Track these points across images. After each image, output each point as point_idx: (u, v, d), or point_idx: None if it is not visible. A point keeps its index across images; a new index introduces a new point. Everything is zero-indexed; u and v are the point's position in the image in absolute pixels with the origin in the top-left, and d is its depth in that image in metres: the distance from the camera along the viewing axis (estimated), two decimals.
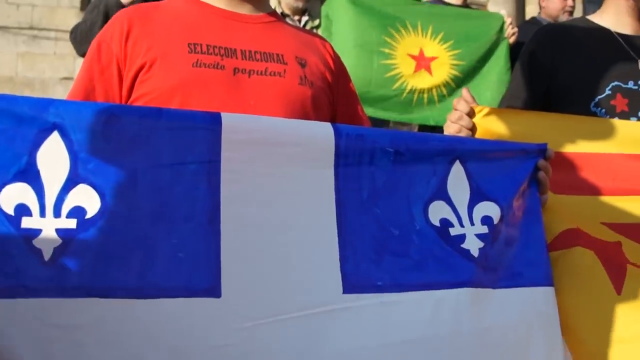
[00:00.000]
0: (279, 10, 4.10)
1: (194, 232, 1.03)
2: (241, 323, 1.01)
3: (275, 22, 1.53)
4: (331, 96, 1.55)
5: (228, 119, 1.07)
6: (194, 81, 1.33)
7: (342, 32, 3.65)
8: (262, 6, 1.52)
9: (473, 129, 1.50)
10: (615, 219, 1.60)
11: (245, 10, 1.48)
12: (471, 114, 1.51)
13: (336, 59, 1.63)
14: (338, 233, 1.11)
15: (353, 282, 1.10)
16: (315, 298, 1.07)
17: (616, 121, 1.72)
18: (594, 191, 1.61)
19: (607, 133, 1.66)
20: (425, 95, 3.66)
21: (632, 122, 1.75)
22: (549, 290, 1.26)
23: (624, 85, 1.80)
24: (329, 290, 1.08)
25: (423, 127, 3.83)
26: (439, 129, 3.09)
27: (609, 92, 1.79)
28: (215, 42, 1.38)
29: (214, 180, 1.05)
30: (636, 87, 1.81)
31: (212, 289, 1.01)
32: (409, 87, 3.62)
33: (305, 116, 1.40)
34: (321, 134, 1.13)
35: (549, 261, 1.29)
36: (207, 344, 0.98)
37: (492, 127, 1.53)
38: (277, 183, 1.09)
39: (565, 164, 1.59)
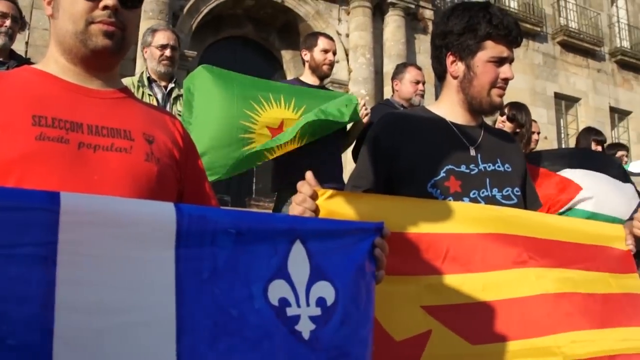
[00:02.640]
0: (146, 76, 4.10)
1: (26, 318, 0.97)
2: None
3: (125, 98, 1.53)
4: (178, 173, 1.56)
5: (67, 199, 1.03)
6: (36, 154, 1.29)
7: (205, 105, 3.66)
8: (112, 82, 1.52)
9: (316, 210, 1.56)
10: (437, 301, 1.70)
11: (95, 85, 1.47)
12: (315, 196, 1.57)
13: (185, 136, 1.64)
14: (176, 315, 1.09)
15: None
16: None
17: (450, 202, 1.85)
18: (422, 271, 1.71)
19: (441, 214, 1.78)
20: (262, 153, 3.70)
21: (464, 204, 1.88)
22: None
23: (457, 169, 1.95)
24: None
25: None
26: None
27: (444, 174, 1.93)
28: (61, 115, 1.36)
29: (50, 264, 1.00)
30: (468, 171, 1.96)
31: None
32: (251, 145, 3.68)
33: (150, 192, 1.40)
34: (163, 215, 1.12)
35: (372, 340, 1.33)
36: None
37: (335, 208, 1.59)
38: (117, 265, 1.06)
39: (402, 244, 1.69)
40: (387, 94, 11.17)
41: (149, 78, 4.12)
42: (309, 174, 1.59)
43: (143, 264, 1.09)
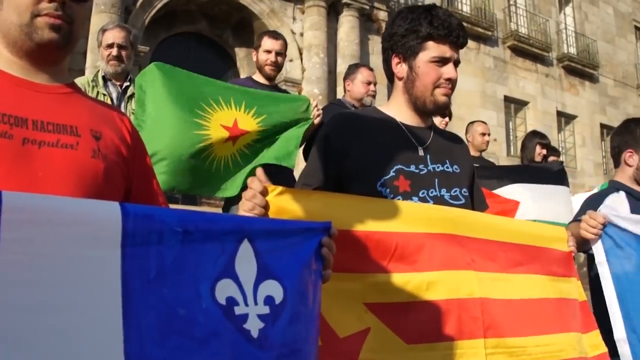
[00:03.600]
0: (101, 75, 4.04)
1: None
2: None
3: (72, 94, 1.50)
4: (126, 170, 1.54)
5: (9, 198, 1.00)
6: None
7: (157, 103, 3.61)
8: (59, 76, 1.49)
9: (266, 207, 1.56)
10: (379, 299, 1.72)
11: (41, 79, 1.44)
12: (265, 192, 1.57)
13: (133, 133, 1.62)
14: (123, 314, 1.08)
15: None
16: None
17: (398, 202, 1.87)
18: (369, 269, 1.73)
19: (390, 213, 1.80)
20: (222, 164, 3.72)
21: (413, 203, 1.90)
22: None
23: (406, 169, 1.97)
24: None
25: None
26: None
27: (393, 174, 1.94)
28: (5, 110, 1.32)
29: None
30: (417, 171, 1.98)
31: None
32: (211, 155, 3.67)
33: (97, 190, 1.37)
34: (108, 214, 1.10)
35: (318, 336, 1.36)
36: None
37: (284, 205, 1.60)
38: (61, 264, 1.04)
39: (351, 242, 1.70)
40: (340, 93, 11.21)
41: (104, 77, 4.10)
42: (259, 171, 1.59)
43: (88, 263, 1.07)
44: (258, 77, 4.30)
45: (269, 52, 4.24)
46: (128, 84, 4.11)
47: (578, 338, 2.08)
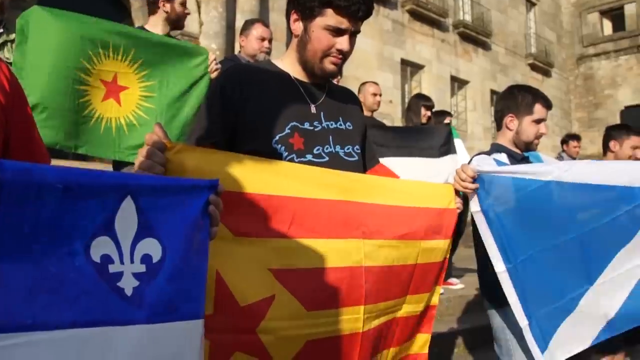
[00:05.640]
0: None
1: None
2: None
3: None
4: (3, 119, 1.45)
5: None
6: None
7: (39, 50, 3.36)
8: None
9: (165, 164, 1.49)
10: (284, 265, 1.72)
11: None
12: (163, 149, 1.50)
13: (13, 81, 1.52)
14: None
15: (1, 320, 1.03)
16: None
17: (297, 165, 1.86)
18: (271, 234, 1.71)
19: (288, 175, 1.78)
20: (114, 125, 3.57)
21: (311, 167, 1.88)
22: (199, 323, 1.31)
23: (300, 126, 1.94)
24: None
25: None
26: None
27: (288, 130, 1.92)
28: None
29: None
30: (312, 128, 1.97)
31: None
32: (96, 115, 3.50)
33: None
34: None
35: (204, 294, 1.33)
36: None
37: (184, 163, 1.54)
38: None
39: (246, 204, 1.67)
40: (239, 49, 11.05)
41: None
42: (157, 127, 1.51)
43: None
44: (153, 28, 4.11)
45: (183, 4, 4.15)
46: (1, 31, 3.81)
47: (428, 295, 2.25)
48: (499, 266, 2.39)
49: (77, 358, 1.10)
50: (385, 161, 3.49)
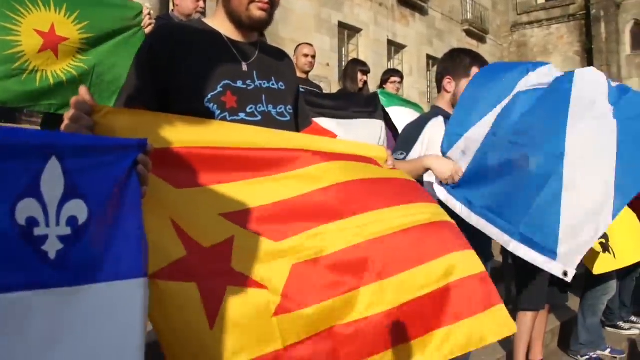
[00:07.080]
0: None
1: None
2: None
3: None
4: None
5: None
6: None
7: None
8: None
9: (92, 128, 1.46)
10: (233, 208, 1.72)
11: None
12: (90, 112, 1.46)
13: None
14: None
15: None
16: None
17: (229, 124, 1.86)
18: (212, 182, 1.72)
19: (219, 132, 1.78)
20: (51, 78, 3.44)
21: (243, 126, 1.88)
22: (135, 283, 1.28)
23: (233, 84, 1.93)
24: None
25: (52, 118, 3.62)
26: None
27: (221, 89, 1.90)
28: None
29: None
30: (244, 86, 1.95)
31: None
32: (31, 67, 3.37)
33: None
34: None
35: (142, 252, 1.31)
36: None
37: (112, 125, 1.50)
38: None
39: (182, 158, 1.67)
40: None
41: None
42: (82, 89, 1.47)
43: None
44: None
45: None
46: None
47: None
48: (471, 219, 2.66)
49: (3, 323, 1.05)
50: (319, 121, 3.51)
